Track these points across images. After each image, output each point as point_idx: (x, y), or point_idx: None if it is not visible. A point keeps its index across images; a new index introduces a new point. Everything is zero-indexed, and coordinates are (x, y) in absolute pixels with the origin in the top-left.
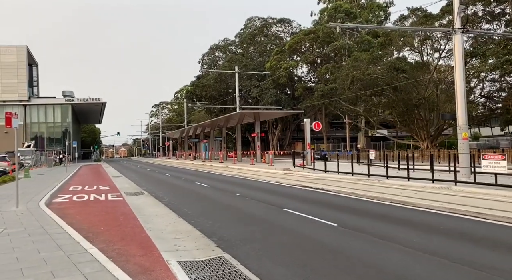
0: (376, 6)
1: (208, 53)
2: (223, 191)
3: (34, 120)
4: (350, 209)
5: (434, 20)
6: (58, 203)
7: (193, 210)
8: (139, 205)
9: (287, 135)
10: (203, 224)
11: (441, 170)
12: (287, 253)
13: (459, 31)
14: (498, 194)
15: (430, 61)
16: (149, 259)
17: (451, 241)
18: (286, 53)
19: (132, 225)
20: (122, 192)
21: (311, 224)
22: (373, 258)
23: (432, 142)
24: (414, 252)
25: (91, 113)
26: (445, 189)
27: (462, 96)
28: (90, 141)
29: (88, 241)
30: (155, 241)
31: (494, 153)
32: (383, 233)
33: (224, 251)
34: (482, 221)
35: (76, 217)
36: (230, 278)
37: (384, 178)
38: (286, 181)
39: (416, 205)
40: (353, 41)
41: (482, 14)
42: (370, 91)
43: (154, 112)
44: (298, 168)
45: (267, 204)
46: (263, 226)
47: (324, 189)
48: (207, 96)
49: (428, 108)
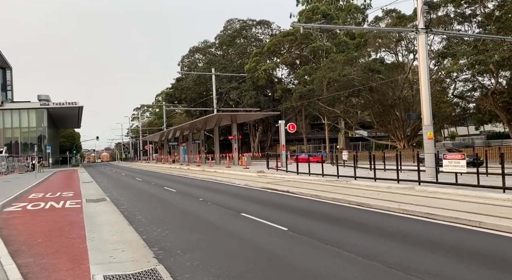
0: (354, 8)
1: (188, 55)
2: (188, 196)
3: (8, 125)
4: (306, 212)
5: (407, 21)
6: (8, 212)
7: (148, 217)
8: (94, 213)
9: (268, 137)
10: (151, 233)
11: (412, 170)
12: (225, 263)
13: (422, 31)
14: (458, 194)
15: (405, 62)
16: (73, 274)
17: (393, 244)
18: (265, 54)
19: (75, 235)
20: (84, 198)
21: (262, 229)
22: (310, 265)
23: (409, 142)
24: (353, 257)
25: (68, 117)
26: (409, 189)
27: (427, 96)
28: (69, 146)
29: (13, 255)
30: (91, 253)
31: (454, 153)
32: (330, 237)
33: (160, 262)
34: (431, 221)
35: (19, 228)
36: None
37: (352, 179)
38: (255, 184)
39: (374, 206)
40: (331, 42)
41: (454, 15)
42: (346, 92)
43: (135, 116)
44: (272, 170)
45: (226, 209)
46: (213, 233)
47: (289, 192)
48: (187, 98)
49: (404, 109)
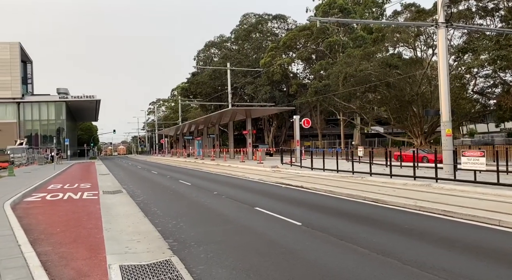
0: (372, 2)
1: (204, 50)
2: (202, 189)
3: (28, 118)
4: (320, 207)
5: (426, 15)
6: (28, 202)
7: (163, 209)
8: (110, 204)
9: (282, 132)
10: (166, 225)
11: (429, 167)
12: (239, 256)
13: (442, 25)
14: (476, 191)
15: (424, 57)
16: (90, 263)
17: (409, 241)
18: (281, 49)
19: (92, 225)
20: (100, 190)
21: (276, 223)
22: (324, 260)
23: (426, 138)
24: (368, 253)
25: (86, 110)
26: (426, 187)
27: (446, 92)
28: (87, 139)
29: (33, 244)
30: (107, 243)
31: (474, 150)
32: (344, 233)
33: (175, 253)
34: (448, 219)
35: (38, 217)
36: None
37: (368, 175)
38: (269, 179)
39: (389, 203)
40: (348, 37)
41: (475, 9)
42: (363, 87)
43: (151, 109)
44: (286, 165)
45: (240, 203)
46: (227, 226)
47: (303, 187)
48: (202, 93)
49: (422, 105)
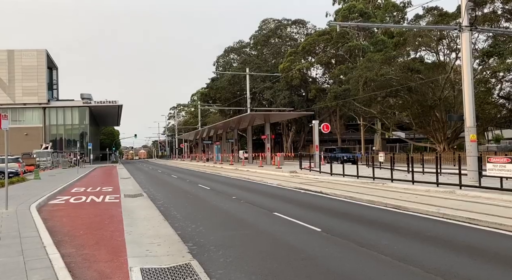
0: (392, 6)
1: (223, 55)
2: (221, 194)
3: (53, 122)
4: (340, 214)
5: (449, 19)
6: (53, 204)
7: (183, 213)
8: (131, 208)
9: (301, 137)
10: (185, 228)
11: (452, 174)
12: (258, 261)
13: (466, 29)
14: (502, 199)
15: (447, 61)
16: (112, 265)
17: (432, 248)
18: (300, 54)
19: (114, 228)
20: (122, 194)
21: (295, 229)
22: (345, 267)
23: (449, 144)
24: (390, 261)
25: (108, 115)
26: (449, 193)
27: (470, 97)
28: (109, 143)
29: (57, 245)
30: (129, 246)
31: (500, 156)
32: (365, 239)
33: (194, 257)
34: (472, 227)
35: (62, 220)
36: None
37: (389, 181)
38: (287, 184)
39: (411, 209)
40: (368, 41)
41: (501, 12)
42: (384, 92)
43: (172, 114)
44: (305, 171)
45: (259, 208)
46: (246, 231)
47: (322, 192)
48: (221, 98)
49: (444, 110)
